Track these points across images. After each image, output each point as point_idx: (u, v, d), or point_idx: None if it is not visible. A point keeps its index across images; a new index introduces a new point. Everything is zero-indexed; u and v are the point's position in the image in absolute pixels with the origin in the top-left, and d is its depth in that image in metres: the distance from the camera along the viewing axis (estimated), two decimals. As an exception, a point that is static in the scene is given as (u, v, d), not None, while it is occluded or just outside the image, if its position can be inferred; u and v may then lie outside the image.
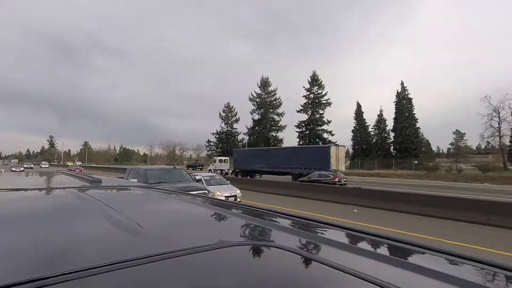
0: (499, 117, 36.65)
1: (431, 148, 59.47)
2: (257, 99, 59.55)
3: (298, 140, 54.91)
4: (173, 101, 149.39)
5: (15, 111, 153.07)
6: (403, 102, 47.47)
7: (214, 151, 62.93)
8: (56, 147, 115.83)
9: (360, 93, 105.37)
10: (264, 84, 59.78)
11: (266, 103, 58.32)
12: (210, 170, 33.32)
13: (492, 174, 27.42)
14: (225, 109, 65.94)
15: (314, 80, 53.33)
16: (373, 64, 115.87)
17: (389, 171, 36.52)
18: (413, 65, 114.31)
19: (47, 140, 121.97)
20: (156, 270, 0.46)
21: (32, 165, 54.56)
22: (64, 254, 0.55)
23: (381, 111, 51.61)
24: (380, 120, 51.45)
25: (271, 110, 58.72)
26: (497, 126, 36.96)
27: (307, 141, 51.88)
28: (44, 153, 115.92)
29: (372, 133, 52.52)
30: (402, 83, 48.87)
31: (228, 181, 11.50)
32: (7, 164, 65.96)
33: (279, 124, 58.48)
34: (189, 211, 1.08)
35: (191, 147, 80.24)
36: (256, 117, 59.73)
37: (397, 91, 48.63)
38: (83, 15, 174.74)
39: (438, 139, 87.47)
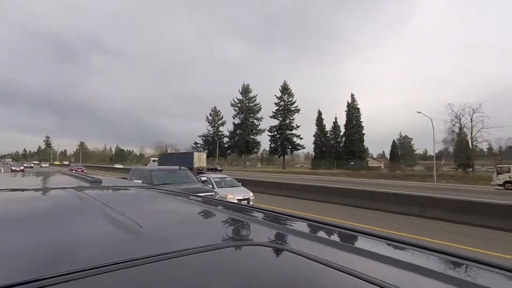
0: (460, 124, 40.95)
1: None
2: (238, 105, 66.03)
3: (270, 143, 62.35)
4: (171, 101, 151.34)
5: (12, 111, 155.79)
6: (352, 111, 55.16)
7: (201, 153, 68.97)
8: (52, 147, 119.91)
9: (325, 101, 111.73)
10: (245, 90, 66.33)
11: (246, 108, 64.80)
12: None
13: (401, 173, 34.55)
14: (212, 113, 72.15)
15: (285, 89, 60.69)
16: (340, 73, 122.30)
17: (332, 170, 43.98)
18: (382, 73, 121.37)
19: (44, 141, 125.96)
20: (156, 271, 0.46)
21: (32, 165, 55.31)
22: (63, 254, 0.55)
23: (336, 118, 59.69)
24: (335, 127, 59.08)
25: (251, 115, 65.23)
26: (458, 131, 41.47)
27: (278, 143, 59.51)
28: (40, 153, 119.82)
29: (330, 137, 59.88)
30: (352, 95, 57.08)
31: (240, 183, 10.80)
32: (7, 164, 65.62)
33: (258, 128, 65.20)
34: (189, 211, 1.10)
35: (183, 148, 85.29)
36: (237, 121, 66.45)
37: (348, 102, 56.63)
38: (80, 15, 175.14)
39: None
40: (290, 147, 61.74)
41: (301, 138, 59.25)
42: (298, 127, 59.98)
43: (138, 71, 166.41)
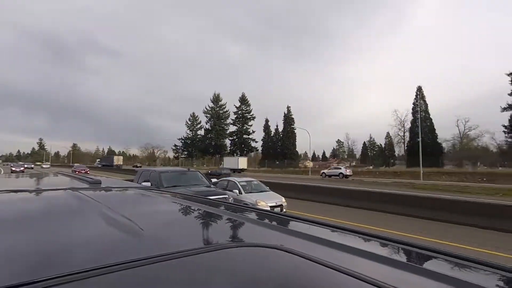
0: (403, 128, 49.72)
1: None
2: (210, 112, 76.86)
3: (231, 146, 74.50)
4: (167, 102, 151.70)
5: (6, 112, 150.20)
6: (288, 120, 68.27)
7: (180, 154, 79.76)
8: (45, 149, 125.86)
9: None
10: (216, 99, 77.32)
11: (216, 115, 75.79)
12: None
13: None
14: (191, 118, 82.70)
15: (243, 100, 73.37)
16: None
17: (268, 168, 57.04)
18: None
19: (37, 142, 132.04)
20: (156, 272, 0.46)
21: (32, 165, 55.49)
22: (64, 255, 0.56)
23: (277, 125, 71.26)
24: (276, 133, 72.00)
25: (222, 121, 76.18)
26: (403, 135, 50.78)
27: (237, 147, 72.08)
28: (34, 155, 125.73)
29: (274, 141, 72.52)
30: (288, 107, 68.62)
31: (267, 187, 9.84)
32: (7, 164, 68.36)
33: (227, 132, 76.47)
34: (188, 212, 1.10)
35: (169, 149, 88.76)
36: (209, 126, 77.39)
37: (284, 113, 68.52)
38: (75, 14, 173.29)
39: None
40: (246, 149, 74.04)
41: (256, 142, 72.28)
42: (254, 132, 72.98)
43: (134, 72, 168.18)
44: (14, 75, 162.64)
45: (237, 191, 8.83)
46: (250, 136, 73.23)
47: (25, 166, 46.10)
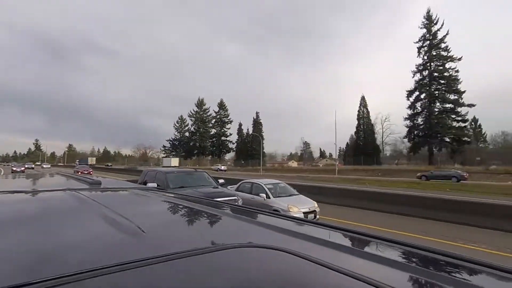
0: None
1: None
2: (195, 115, 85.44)
3: (211, 147, 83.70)
4: (164, 102, 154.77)
5: (2, 113, 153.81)
6: (257, 124, 76.55)
7: (168, 154, 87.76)
8: (41, 149, 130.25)
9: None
10: (200, 104, 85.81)
11: (200, 118, 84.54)
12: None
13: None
14: (179, 120, 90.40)
15: (222, 105, 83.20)
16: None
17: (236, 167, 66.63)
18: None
19: (33, 143, 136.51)
20: (156, 273, 0.47)
21: (33, 166, 55.31)
22: (64, 256, 0.56)
23: (247, 129, 78.88)
24: (247, 135, 79.53)
25: (206, 124, 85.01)
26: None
27: (215, 147, 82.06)
28: (30, 155, 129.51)
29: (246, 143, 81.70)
30: (257, 113, 76.99)
31: (295, 190, 8.72)
32: (8, 164, 69.23)
33: (210, 135, 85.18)
34: (189, 213, 1.10)
35: (159, 148, 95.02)
36: (193, 129, 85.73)
37: (253, 118, 76.84)
38: (73, 14, 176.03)
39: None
40: (224, 150, 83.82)
41: (233, 144, 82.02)
42: (230, 134, 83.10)
43: (132, 72, 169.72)
44: (11, 75, 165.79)
45: (264, 195, 7.88)
46: (228, 138, 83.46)
47: (26, 166, 46.38)
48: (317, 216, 7.52)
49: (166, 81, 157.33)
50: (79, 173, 8.14)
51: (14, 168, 36.38)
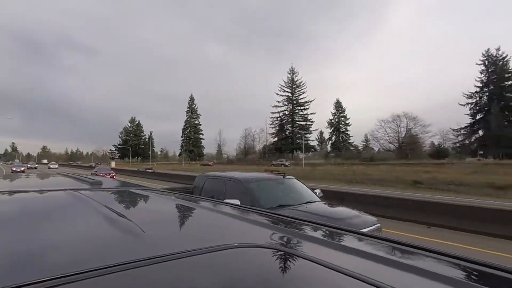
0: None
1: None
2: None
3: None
4: (148, 101, 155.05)
5: None
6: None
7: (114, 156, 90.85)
8: (17, 150, 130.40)
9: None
10: (132, 120, 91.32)
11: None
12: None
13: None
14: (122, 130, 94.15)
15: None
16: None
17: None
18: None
19: (10, 146, 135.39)
20: (157, 273, 0.47)
21: (36, 165, 52.71)
22: (64, 256, 0.56)
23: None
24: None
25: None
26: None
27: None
28: (6, 155, 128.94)
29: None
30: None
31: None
32: (9, 164, 67.08)
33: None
34: (190, 213, 1.11)
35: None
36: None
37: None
38: (51, 10, 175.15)
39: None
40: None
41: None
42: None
43: (114, 71, 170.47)
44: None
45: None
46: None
47: (28, 165, 44.44)
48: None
49: (148, 80, 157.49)
50: (101, 176, 7.07)
51: (14, 168, 33.57)
